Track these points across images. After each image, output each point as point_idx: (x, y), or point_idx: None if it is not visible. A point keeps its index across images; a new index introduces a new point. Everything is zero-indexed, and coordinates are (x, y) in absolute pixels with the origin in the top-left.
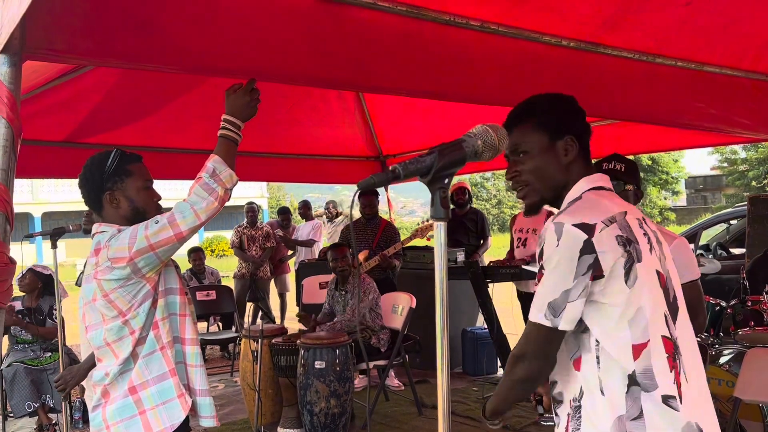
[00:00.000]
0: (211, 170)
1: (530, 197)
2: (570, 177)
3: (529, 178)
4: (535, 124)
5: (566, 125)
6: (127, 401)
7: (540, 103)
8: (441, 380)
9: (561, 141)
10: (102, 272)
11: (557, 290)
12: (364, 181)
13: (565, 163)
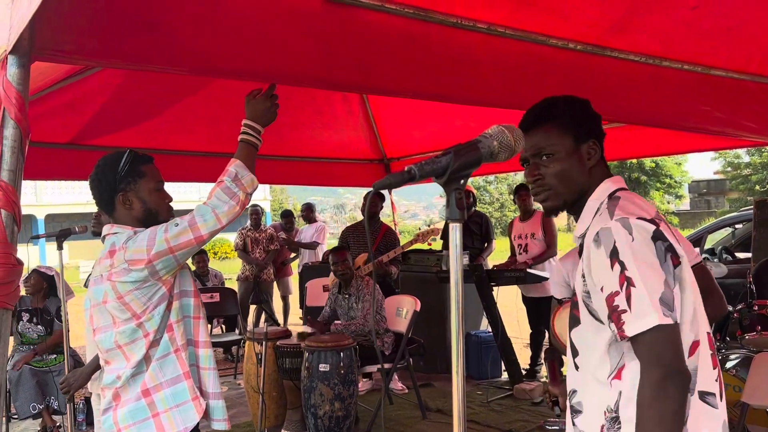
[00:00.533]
0: (233, 174)
1: (553, 201)
2: (592, 181)
3: (553, 182)
4: (560, 126)
5: (590, 128)
6: (140, 404)
7: (561, 105)
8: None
9: (585, 144)
10: (118, 274)
11: (658, 283)
12: (381, 181)
13: (588, 167)
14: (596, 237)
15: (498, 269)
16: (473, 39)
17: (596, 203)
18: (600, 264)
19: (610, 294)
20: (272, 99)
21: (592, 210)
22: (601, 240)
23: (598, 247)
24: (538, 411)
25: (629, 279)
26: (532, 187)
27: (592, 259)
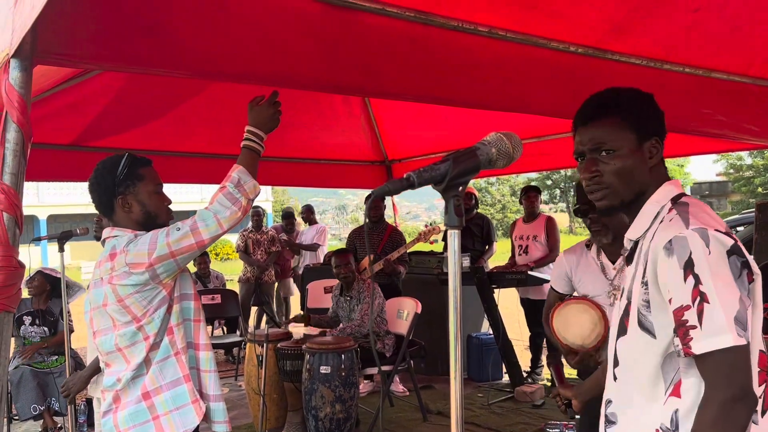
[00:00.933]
0: (236, 180)
1: (609, 200)
2: (651, 182)
3: (612, 180)
4: (623, 120)
5: (654, 126)
6: (140, 407)
7: (626, 98)
8: (454, 385)
9: (648, 142)
10: (118, 277)
11: (734, 300)
12: (379, 188)
13: (649, 166)
14: (668, 245)
15: (499, 271)
16: (474, 42)
17: (656, 207)
18: (671, 274)
19: (680, 307)
20: (275, 106)
21: (651, 214)
22: (674, 249)
23: (669, 255)
24: (538, 413)
25: (703, 294)
26: (587, 183)
27: (661, 268)
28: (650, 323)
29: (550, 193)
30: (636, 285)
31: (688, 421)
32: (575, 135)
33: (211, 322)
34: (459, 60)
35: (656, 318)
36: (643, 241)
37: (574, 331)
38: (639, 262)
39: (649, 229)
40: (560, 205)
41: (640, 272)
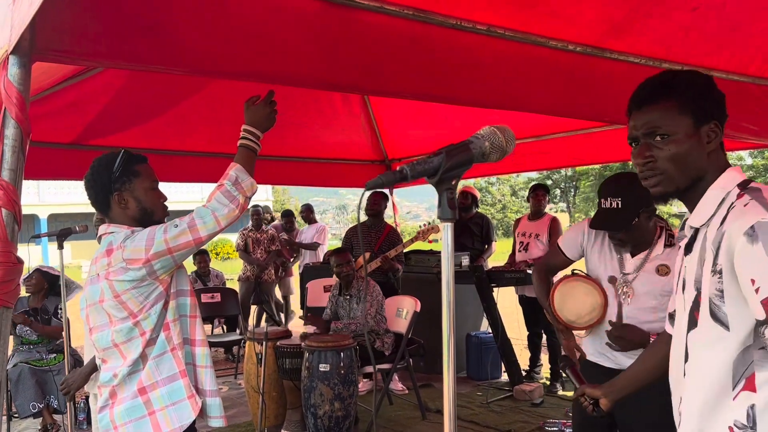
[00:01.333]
0: (233, 178)
1: (664, 186)
2: (709, 168)
3: (667, 166)
4: (678, 104)
5: (713, 109)
6: (137, 402)
7: (682, 81)
8: (447, 380)
9: (706, 126)
10: (115, 273)
11: None
12: (373, 180)
13: (707, 151)
14: (750, 231)
15: (498, 270)
16: (474, 40)
17: (721, 193)
18: (755, 262)
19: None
20: (271, 105)
21: (716, 200)
22: (758, 235)
23: (752, 242)
24: (537, 412)
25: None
26: (641, 169)
27: (741, 256)
28: (724, 314)
29: (551, 193)
30: (706, 274)
31: (764, 415)
32: (629, 119)
33: (210, 321)
34: (458, 58)
35: (730, 308)
36: (707, 228)
37: (570, 307)
38: (706, 250)
39: (713, 216)
40: (560, 205)
41: (709, 260)
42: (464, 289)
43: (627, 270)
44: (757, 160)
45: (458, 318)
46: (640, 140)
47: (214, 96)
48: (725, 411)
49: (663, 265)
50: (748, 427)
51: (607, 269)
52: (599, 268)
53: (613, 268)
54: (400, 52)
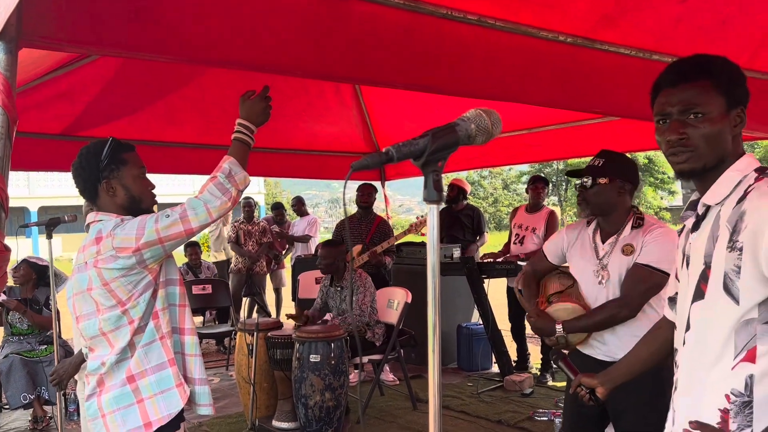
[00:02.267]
0: (227, 171)
1: (693, 162)
2: (731, 150)
3: (700, 143)
4: (715, 85)
5: (742, 94)
6: (125, 390)
7: (718, 63)
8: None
9: (735, 110)
10: (104, 261)
11: None
12: (358, 162)
13: (732, 134)
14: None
15: (488, 261)
16: (464, 31)
17: (738, 175)
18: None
19: None
20: (266, 100)
21: (732, 181)
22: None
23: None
24: (527, 402)
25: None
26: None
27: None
28: (737, 289)
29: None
30: (719, 250)
31: (762, 384)
32: (659, 96)
33: (202, 313)
34: (448, 49)
35: (744, 284)
36: (721, 207)
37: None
38: (720, 227)
39: (729, 196)
40: (552, 199)
41: (724, 237)
42: (455, 281)
43: (600, 255)
44: None
45: (449, 309)
46: (672, 117)
47: (205, 87)
48: (723, 380)
49: (628, 245)
50: (745, 395)
51: (587, 262)
52: (580, 263)
53: (591, 257)
54: (391, 41)
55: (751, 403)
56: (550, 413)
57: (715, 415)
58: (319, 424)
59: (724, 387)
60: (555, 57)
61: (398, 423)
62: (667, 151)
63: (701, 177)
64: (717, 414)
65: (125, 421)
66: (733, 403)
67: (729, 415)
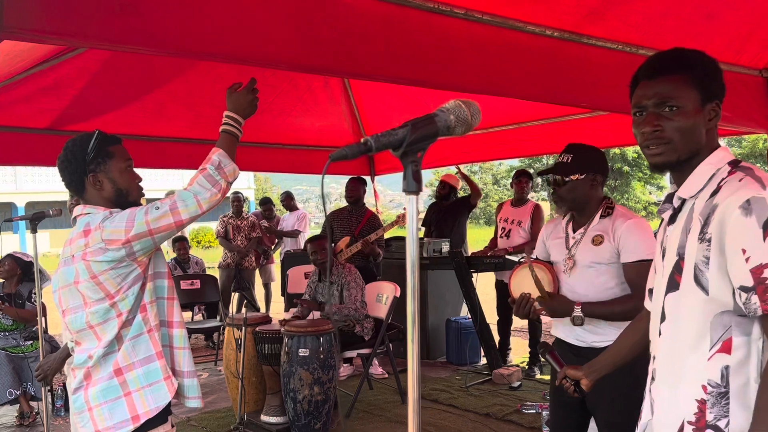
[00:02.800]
0: (216, 163)
1: (666, 156)
2: (704, 144)
3: (675, 136)
4: (691, 79)
5: (718, 89)
6: (112, 383)
7: (695, 57)
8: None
9: (710, 104)
10: (93, 253)
11: None
12: (337, 152)
13: (706, 128)
14: (746, 205)
15: (477, 256)
16: (452, 25)
17: (712, 168)
18: (748, 233)
19: (759, 266)
20: (253, 92)
21: (706, 174)
22: (753, 209)
23: (747, 215)
24: (515, 395)
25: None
26: (646, 137)
27: (734, 227)
28: (706, 280)
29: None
30: (691, 241)
31: (737, 376)
32: (637, 88)
33: (190, 308)
34: (435, 42)
35: (712, 275)
36: (695, 200)
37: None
38: (693, 220)
39: (703, 189)
40: (542, 194)
41: (696, 229)
42: (444, 275)
43: (570, 244)
44: (734, 149)
45: (438, 303)
46: (648, 109)
47: (194, 81)
48: (699, 371)
49: (597, 235)
50: (722, 386)
51: (559, 251)
52: (555, 253)
53: (562, 246)
54: (377, 34)
55: (728, 394)
56: (537, 406)
57: (693, 405)
58: (308, 419)
59: (700, 378)
60: (542, 51)
61: (386, 416)
62: (642, 143)
63: (676, 170)
64: (694, 404)
65: (112, 414)
66: (709, 393)
67: (706, 406)
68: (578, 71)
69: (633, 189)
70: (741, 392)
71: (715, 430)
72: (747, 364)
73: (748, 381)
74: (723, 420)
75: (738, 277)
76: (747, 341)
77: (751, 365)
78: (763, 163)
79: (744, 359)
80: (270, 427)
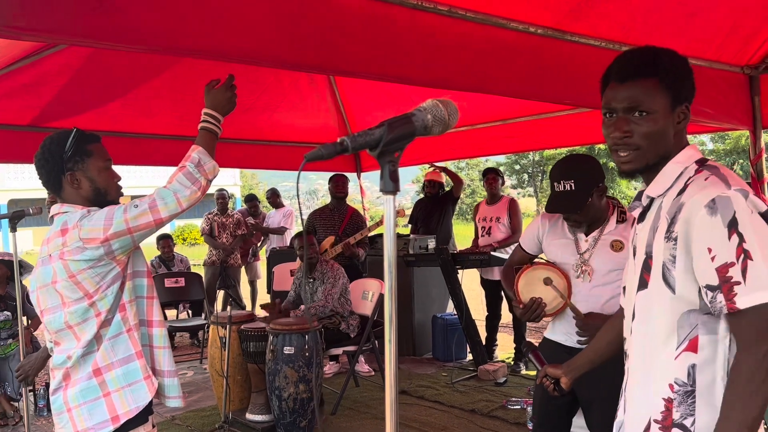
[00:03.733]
0: (196, 160)
1: (637, 163)
2: (675, 147)
3: (643, 142)
4: (661, 82)
5: (687, 91)
6: (91, 383)
7: (666, 59)
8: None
9: (680, 107)
10: (71, 253)
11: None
12: (312, 152)
13: (676, 131)
14: (711, 204)
15: (462, 252)
16: (435, 21)
17: (679, 167)
18: (713, 232)
19: (724, 264)
20: (232, 89)
21: (673, 174)
22: (718, 208)
23: (712, 214)
24: (500, 391)
25: (747, 252)
26: (615, 142)
27: (700, 226)
28: (673, 278)
29: (518, 178)
30: (658, 240)
31: (704, 375)
32: (607, 89)
33: (175, 306)
34: (421, 39)
35: (679, 274)
36: (663, 199)
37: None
38: (660, 218)
39: (670, 188)
40: (528, 190)
41: (663, 228)
42: (430, 271)
43: (582, 250)
44: (718, 145)
45: (424, 300)
46: (617, 113)
47: (177, 78)
48: (666, 369)
49: (617, 241)
50: (688, 384)
51: (566, 254)
52: (558, 255)
53: (571, 251)
54: (361, 31)
55: (694, 393)
56: (522, 402)
57: (660, 404)
58: (293, 416)
59: (667, 376)
60: (525, 48)
61: (372, 413)
62: (611, 146)
63: (646, 174)
64: (661, 403)
65: (92, 415)
66: (676, 392)
67: (673, 404)
68: (561, 68)
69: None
70: (707, 391)
71: (681, 428)
72: (713, 362)
73: (715, 379)
74: (689, 419)
75: (704, 276)
76: (713, 340)
77: (717, 364)
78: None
79: (710, 358)
80: (255, 425)
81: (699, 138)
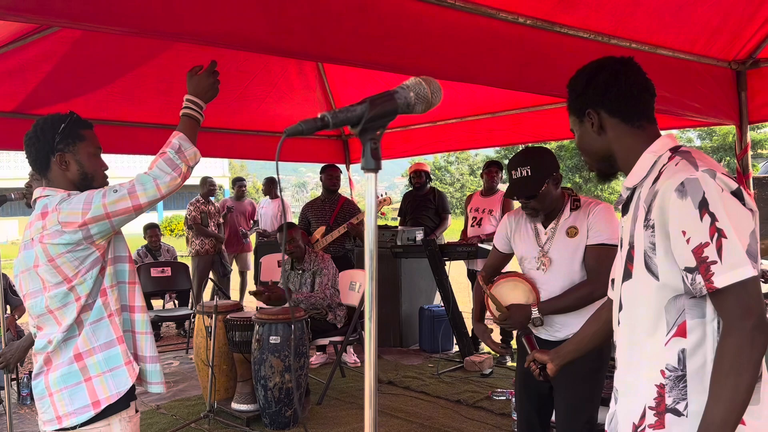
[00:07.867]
0: (176, 146)
1: (589, 168)
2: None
3: (583, 154)
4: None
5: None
6: (72, 368)
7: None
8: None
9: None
10: (50, 236)
11: (746, 234)
12: (292, 127)
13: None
14: (680, 187)
15: (450, 244)
16: (423, 9)
17: (653, 156)
18: (685, 215)
19: (699, 245)
20: (214, 75)
21: (649, 162)
22: (687, 191)
23: (683, 197)
24: (486, 382)
25: (720, 230)
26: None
27: (673, 210)
28: (655, 265)
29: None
30: (638, 229)
31: (694, 358)
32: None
33: (162, 296)
34: (407, 27)
35: (660, 260)
36: (641, 188)
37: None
38: (638, 208)
39: (646, 176)
40: None
41: (641, 217)
42: (417, 263)
43: (542, 241)
44: (705, 142)
45: (412, 291)
46: None
47: (164, 66)
48: (657, 356)
49: (572, 227)
50: (679, 369)
51: (528, 247)
52: (522, 249)
53: (532, 243)
54: (348, 18)
55: (685, 377)
56: (508, 393)
57: (653, 390)
58: (279, 406)
59: (658, 363)
60: (514, 39)
61: (358, 403)
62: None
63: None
64: (654, 389)
65: (73, 399)
66: (668, 378)
67: (665, 390)
68: (550, 60)
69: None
70: (698, 374)
71: (674, 413)
72: (703, 345)
73: (705, 363)
74: (681, 403)
75: (681, 259)
76: (702, 323)
77: (707, 347)
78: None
79: (700, 341)
80: (240, 415)
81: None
